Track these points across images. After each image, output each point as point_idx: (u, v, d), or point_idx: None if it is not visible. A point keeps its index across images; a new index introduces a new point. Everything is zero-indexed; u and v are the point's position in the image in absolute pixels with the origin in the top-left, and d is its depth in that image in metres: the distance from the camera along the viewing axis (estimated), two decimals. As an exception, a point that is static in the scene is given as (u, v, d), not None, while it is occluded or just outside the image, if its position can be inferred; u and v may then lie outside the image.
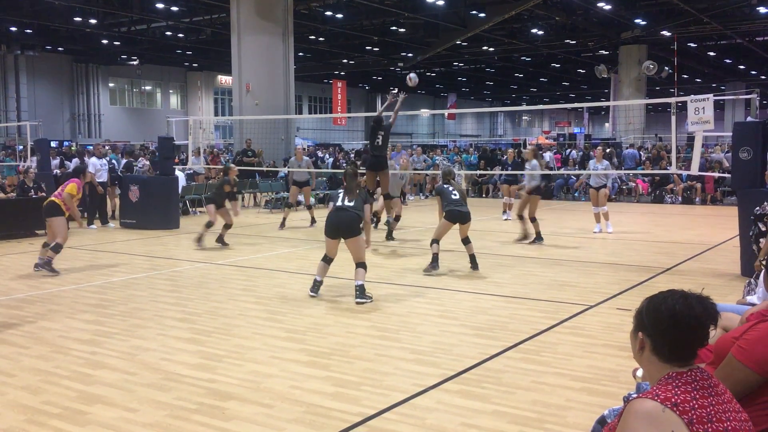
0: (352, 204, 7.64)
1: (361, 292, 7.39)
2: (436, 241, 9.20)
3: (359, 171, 9.18)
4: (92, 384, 4.89)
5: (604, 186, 12.90)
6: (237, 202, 12.41)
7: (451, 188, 9.29)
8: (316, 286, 7.74)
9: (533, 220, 11.60)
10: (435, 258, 9.12)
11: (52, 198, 9.52)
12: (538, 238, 11.69)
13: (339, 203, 7.69)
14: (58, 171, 17.19)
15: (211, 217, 11.72)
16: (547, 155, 21.31)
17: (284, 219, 14.18)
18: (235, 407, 4.43)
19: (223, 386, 4.81)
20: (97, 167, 15.13)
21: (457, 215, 9.11)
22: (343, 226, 7.56)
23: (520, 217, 11.76)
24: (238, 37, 22.67)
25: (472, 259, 9.24)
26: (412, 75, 12.57)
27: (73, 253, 11.21)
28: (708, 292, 2.16)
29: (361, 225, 7.79)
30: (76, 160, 18.26)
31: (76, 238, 12.89)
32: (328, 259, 7.76)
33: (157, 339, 6.05)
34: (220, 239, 11.76)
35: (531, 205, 11.58)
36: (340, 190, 7.95)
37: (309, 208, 14.83)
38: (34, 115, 37.16)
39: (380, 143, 11.62)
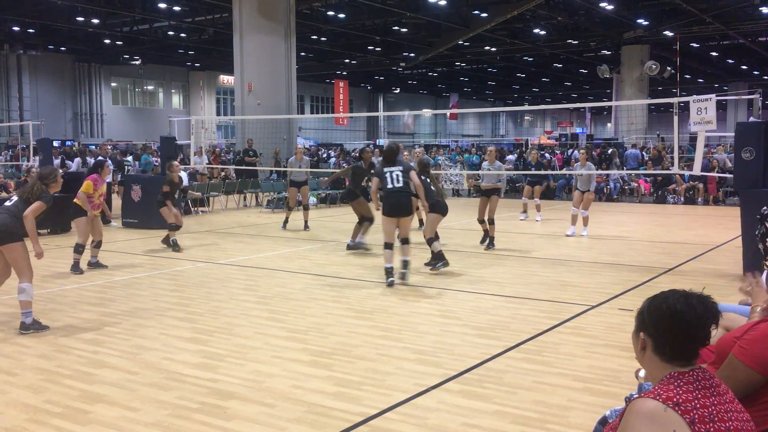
0: (401, 185, 8.29)
1: (407, 265, 8.31)
2: (432, 239, 9.21)
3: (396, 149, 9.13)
4: (94, 383, 4.90)
5: (588, 191, 12.56)
6: (173, 209, 11.49)
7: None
8: (389, 273, 8.24)
9: (491, 222, 11.22)
10: (440, 255, 9.12)
11: (74, 200, 9.67)
12: (490, 242, 11.28)
13: (390, 185, 8.29)
14: (61, 171, 17.19)
15: (168, 218, 11.35)
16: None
17: (286, 219, 14.13)
18: (237, 407, 4.43)
19: (224, 386, 4.82)
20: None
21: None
22: (403, 207, 8.31)
23: (490, 221, 11.30)
24: (240, 36, 22.68)
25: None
26: (408, 120, 12.71)
27: (75, 252, 11.22)
28: (710, 293, 2.16)
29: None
30: (78, 160, 18.30)
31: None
32: (390, 245, 8.30)
33: (158, 338, 6.05)
34: (165, 240, 11.48)
35: (491, 205, 11.19)
36: (386, 168, 8.44)
37: (306, 208, 14.39)
38: (36, 115, 37.25)
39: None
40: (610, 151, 24.95)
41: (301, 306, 7.28)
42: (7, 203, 6.72)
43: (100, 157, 17.56)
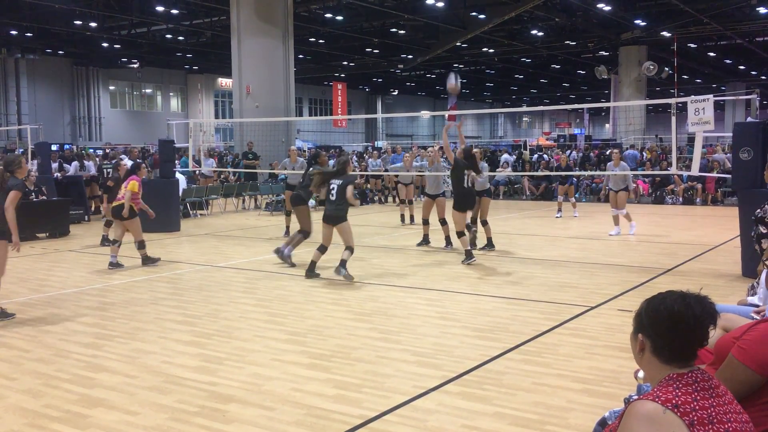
0: (335, 199, 8.75)
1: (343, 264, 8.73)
2: (462, 232, 9.63)
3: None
4: (93, 387, 4.89)
5: (625, 189, 13.00)
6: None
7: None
8: (311, 269, 8.93)
9: (484, 223, 11.30)
10: (468, 252, 9.77)
11: (118, 201, 9.91)
12: (489, 243, 11.37)
13: (328, 196, 8.82)
14: (59, 174, 17.18)
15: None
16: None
17: (287, 226, 13.50)
18: (236, 410, 4.43)
19: (223, 389, 4.81)
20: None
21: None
22: (333, 217, 8.82)
23: (483, 222, 11.37)
24: (238, 39, 22.69)
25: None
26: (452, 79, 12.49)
27: (74, 256, 11.22)
28: (709, 293, 2.16)
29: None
30: (75, 163, 18.28)
31: (76, 240, 12.91)
32: (324, 249, 8.90)
33: (157, 342, 6.05)
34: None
35: (483, 207, 11.29)
36: (332, 180, 8.86)
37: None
38: (34, 119, 37.17)
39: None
40: (608, 151, 24.95)
41: (300, 308, 7.28)
42: None
43: (76, 164, 17.78)
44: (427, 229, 11.79)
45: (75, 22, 31.28)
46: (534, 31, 35.22)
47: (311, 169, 10.57)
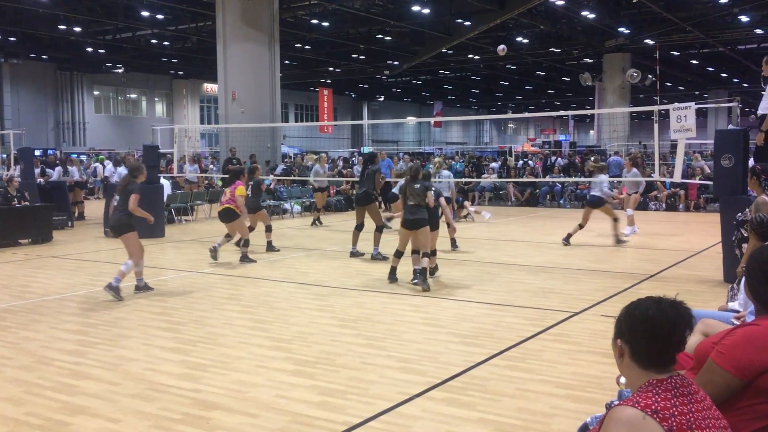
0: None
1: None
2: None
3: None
4: (75, 395, 4.86)
5: (636, 192, 13.76)
6: None
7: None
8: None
9: (448, 225, 11.68)
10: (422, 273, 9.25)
11: (226, 205, 10.80)
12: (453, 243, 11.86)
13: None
14: (41, 180, 17.05)
15: None
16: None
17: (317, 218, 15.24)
18: (220, 417, 4.41)
19: (207, 396, 4.79)
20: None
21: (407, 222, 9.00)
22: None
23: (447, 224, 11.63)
24: (224, 45, 22.63)
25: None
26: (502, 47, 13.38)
27: (57, 262, 11.13)
28: (691, 299, 2.19)
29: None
30: (59, 169, 18.16)
31: (59, 247, 12.81)
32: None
33: (141, 349, 6.01)
34: None
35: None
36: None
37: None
38: (17, 124, 36.88)
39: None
40: (593, 158, 25.12)
41: (285, 315, 7.26)
42: None
43: (59, 169, 17.77)
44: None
45: (59, 26, 31.06)
46: (519, 38, 35.43)
47: (370, 166, 11.36)
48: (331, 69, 44.61)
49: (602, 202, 12.37)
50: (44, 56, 39.70)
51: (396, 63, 40.19)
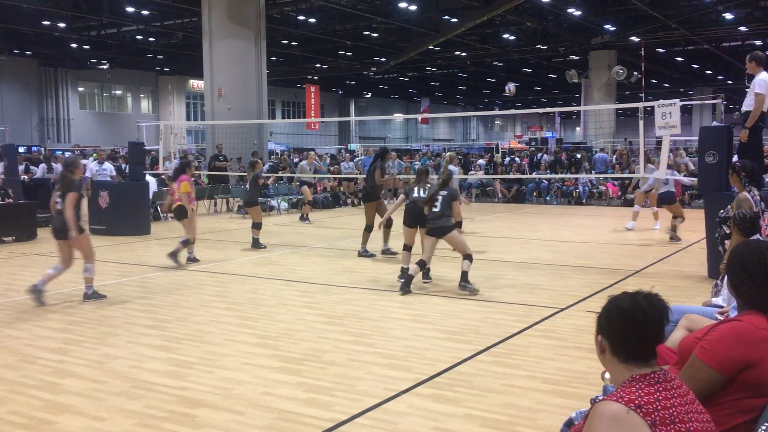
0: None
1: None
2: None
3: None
4: (60, 393, 4.82)
5: (649, 190, 14.15)
6: None
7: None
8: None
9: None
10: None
11: (178, 203, 10.37)
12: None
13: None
14: (25, 177, 16.90)
15: None
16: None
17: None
18: (206, 414, 4.39)
19: (193, 393, 4.77)
20: (94, 172, 15.49)
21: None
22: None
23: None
24: (210, 41, 22.51)
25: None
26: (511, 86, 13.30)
27: (41, 260, 11.04)
28: (676, 294, 2.23)
29: None
30: (43, 166, 18.00)
31: (44, 244, 12.71)
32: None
33: (126, 347, 5.98)
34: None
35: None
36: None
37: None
38: (1, 120, 36.47)
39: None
40: (579, 155, 25.24)
41: (272, 312, 7.25)
42: None
43: (43, 166, 17.63)
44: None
45: (43, 22, 30.77)
46: (506, 35, 35.53)
47: (378, 162, 11.25)
48: (318, 66, 44.51)
49: (674, 199, 12.95)
50: (28, 52, 39.31)
51: (383, 60, 40.16)
